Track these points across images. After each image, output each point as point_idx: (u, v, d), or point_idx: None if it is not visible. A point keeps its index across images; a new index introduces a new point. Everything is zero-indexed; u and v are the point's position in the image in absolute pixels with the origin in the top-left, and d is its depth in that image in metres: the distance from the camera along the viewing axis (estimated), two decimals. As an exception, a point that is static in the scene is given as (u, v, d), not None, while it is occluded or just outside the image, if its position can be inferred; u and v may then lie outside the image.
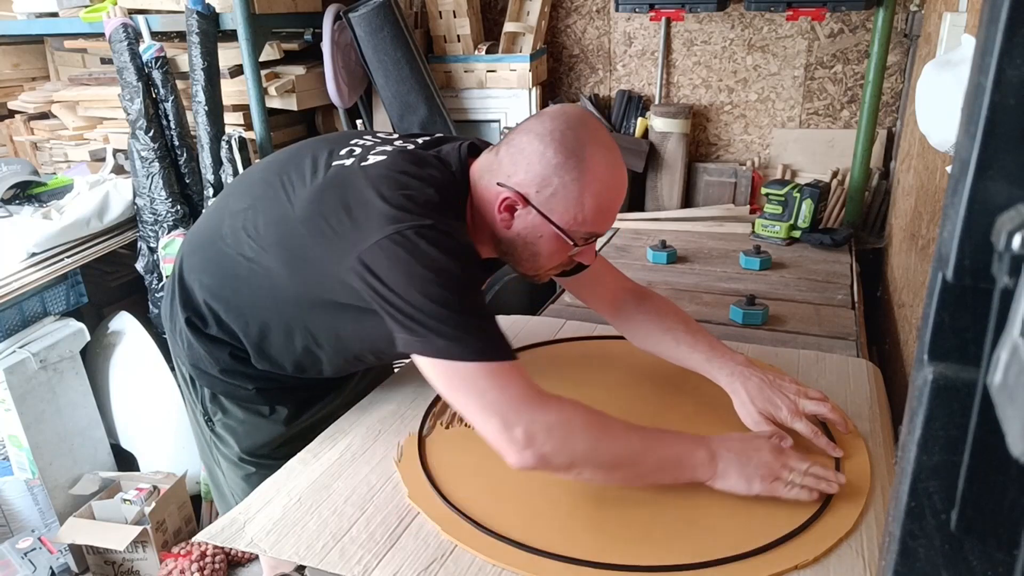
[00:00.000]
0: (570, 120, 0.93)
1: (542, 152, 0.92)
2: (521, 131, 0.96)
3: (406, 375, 1.29)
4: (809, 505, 0.90)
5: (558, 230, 0.95)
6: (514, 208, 0.96)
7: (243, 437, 1.17)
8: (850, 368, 1.26)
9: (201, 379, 1.14)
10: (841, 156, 2.50)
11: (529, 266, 1.02)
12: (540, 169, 0.92)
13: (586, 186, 0.92)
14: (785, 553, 0.83)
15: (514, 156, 0.95)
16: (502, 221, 0.97)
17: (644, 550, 0.85)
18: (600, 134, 0.95)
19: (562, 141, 0.91)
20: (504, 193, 0.95)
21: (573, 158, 0.91)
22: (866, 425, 1.09)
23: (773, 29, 2.49)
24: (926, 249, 1.50)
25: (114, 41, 2.05)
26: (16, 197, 2.16)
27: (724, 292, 1.77)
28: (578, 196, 0.92)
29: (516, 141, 0.95)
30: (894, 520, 0.35)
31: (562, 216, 0.94)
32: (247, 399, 1.15)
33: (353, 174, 0.96)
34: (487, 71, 2.51)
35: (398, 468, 1.01)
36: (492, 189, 0.97)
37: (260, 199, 1.02)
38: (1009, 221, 0.27)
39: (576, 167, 0.91)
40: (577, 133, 0.92)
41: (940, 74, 1.05)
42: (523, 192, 0.94)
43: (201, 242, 1.09)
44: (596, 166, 0.92)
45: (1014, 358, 0.24)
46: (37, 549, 1.94)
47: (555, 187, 0.92)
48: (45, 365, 1.95)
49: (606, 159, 0.94)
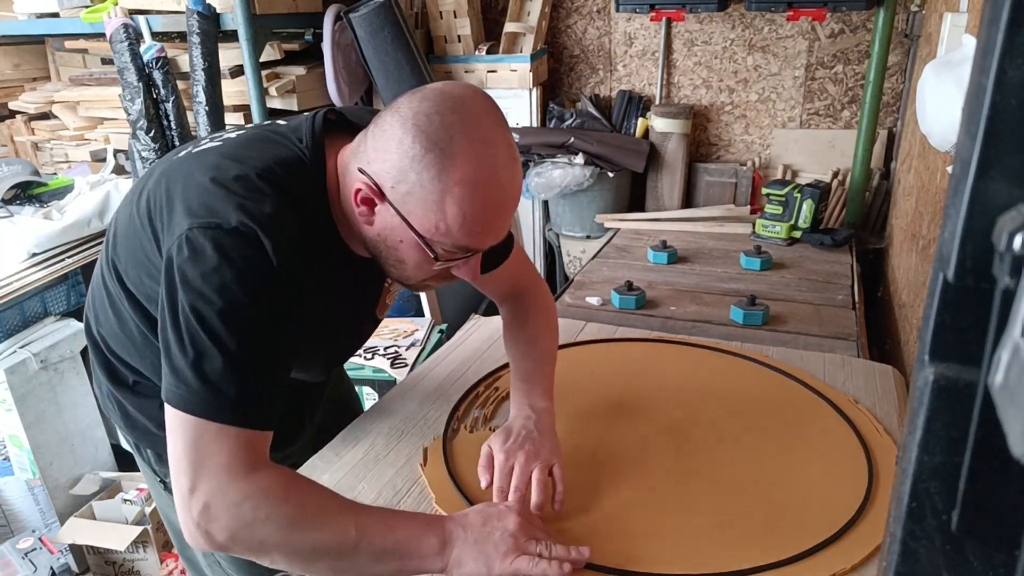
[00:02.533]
0: (446, 102, 0.73)
1: (400, 139, 0.73)
2: (391, 108, 0.77)
3: (426, 374, 1.29)
4: (845, 511, 0.88)
5: (418, 237, 0.76)
6: (372, 202, 0.78)
7: None
8: (876, 373, 1.25)
9: (143, 441, 1.03)
10: (842, 156, 2.50)
11: (397, 274, 0.85)
12: (397, 159, 0.73)
13: (448, 189, 0.72)
14: (822, 561, 0.82)
15: (377, 138, 0.76)
16: (361, 216, 0.79)
17: (676, 558, 0.83)
18: (482, 125, 0.74)
19: (425, 129, 0.72)
20: (360, 181, 0.77)
21: (435, 151, 0.72)
22: (897, 432, 1.08)
23: (774, 29, 2.49)
24: (927, 249, 1.50)
25: (115, 41, 2.05)
26: (17, 197, 2.16)
27: (725, 292, 1.77)
28: (438, 200, 0.73)
29: (382, 120, 0.77)
30: (895, 520, 0.35)
31: (421, 221, 0.75)
32: None
33: (185, 160, 0.82)
34: (488, 71, 2.51)
35: (423, 472, 1.00)
36: (353, 176, 0.79)
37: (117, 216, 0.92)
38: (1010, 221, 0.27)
39: (437, 163, 0.72)
40: (446, 120, 0.72)
41: (941, 74, 1.05)
42: (379, 184, 0.76)
43: (92, 289, 1.00)
44: (464, 164, 0.72)
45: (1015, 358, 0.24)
46: (38, 549, 1.94)
47: (411, 184, 0.73)
48: (46, 365, 1.95)
49: (480, 157, 0.73)
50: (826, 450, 1.01)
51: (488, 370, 1.27)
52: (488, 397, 1.19)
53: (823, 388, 1.18)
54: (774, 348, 1.35)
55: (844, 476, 0.96)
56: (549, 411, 0.97)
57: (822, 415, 1.11)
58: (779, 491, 0.94)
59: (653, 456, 1.02)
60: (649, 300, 1.71)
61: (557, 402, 1.04)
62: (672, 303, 1.71)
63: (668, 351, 1.33)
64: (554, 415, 0.98)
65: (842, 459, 0.99)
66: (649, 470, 0.99)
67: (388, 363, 2.06)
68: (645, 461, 1.01)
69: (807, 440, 1.05)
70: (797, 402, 1.15)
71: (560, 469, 0.90)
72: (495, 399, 1.18)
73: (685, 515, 0.91)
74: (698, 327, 1.55)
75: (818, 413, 1.12)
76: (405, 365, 2.06)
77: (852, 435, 1.05)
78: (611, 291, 1.71)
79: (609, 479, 0.97)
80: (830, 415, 1.11)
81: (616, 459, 1.02)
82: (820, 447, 1.03)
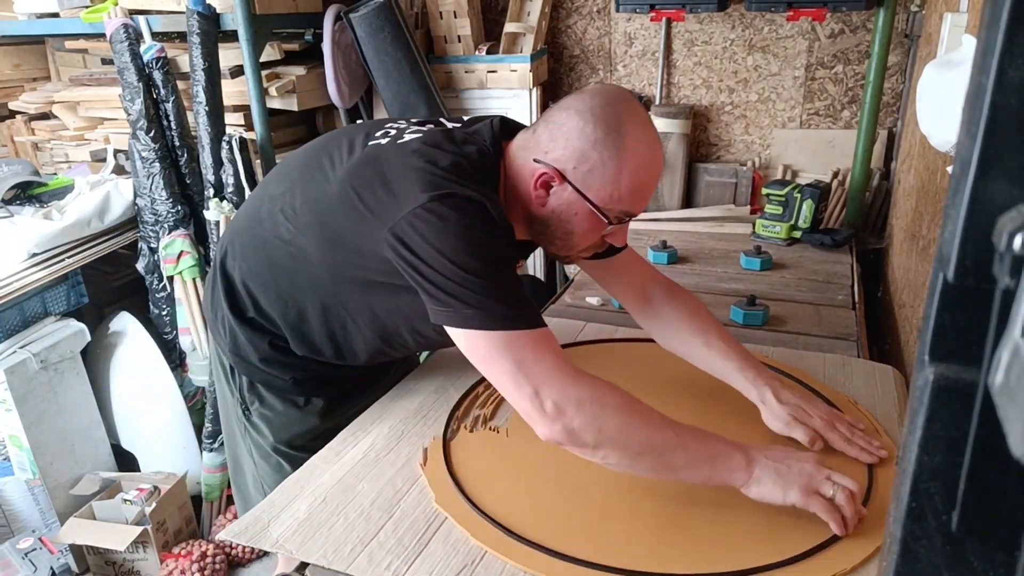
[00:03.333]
0: (610, 97, 0.94)
1: (581, 128, 0.92)
2: (560, 108, 0.96)
3: (427, 372, 1.29)
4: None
5: (593, 207, 0.95)
6: (550, 184, 0.96)
7: (278, 427, 1.18)
8: (876, 374, 1.25)
9: (240, 367, 1.16)
10: (842, 156, 2.50)
11: (562, 245, 1.02)
12: (579, 144, 0.93)
13: (624, 163, 0.92)
14: (822, 561, 0.82)
15: (552, 132, 0.95)
16: (537, 198, 0.97)
17: (677, 558, 0.84)
18: (640, 112, 0.95)
19: (602, 117, 0.92)
20: (541, 169, 0.95)
21: (612, 134, 0.91)
22: (897, 432, 1.08)
23: (774, 29, 2.49)
24: (927, 249, 1.49)
25: (115, 41, 2.05)
26: (17, 197, 2.16)
27: (725, 292, 1.77)
28: (616, 173, 0.92)
29: (555, 118, 0.96)
30: (895, 521, 0.35)
31: (598, 193, 0.94)
32: (284, 389, 1.16)
33: (388, 150, 0.97)
34: (488, 71, 2.51)
35: (423, 472, 1.00)
36: (528, 166, 0.97)
37: (297, 181, 1.04)
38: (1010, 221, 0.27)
39: (615, 143, 0.91)
40: (617, 109, 0.92)
41: (941, 74, 1.05)
42: (560, 168, 0.94)
43: (240, 228, 1.11)
44: (635, 143, 0.92)
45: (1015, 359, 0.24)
46: (38, 549, 1.94)
47: (593, 163, 0.92)
48: (46, 365, 1.95)
49: (645, 137, 0.94)
50: (826, 450, 1.01)
51: (488, 370, 1.27)
52: (488, 397, 1.19)
53: (823, 388, 1.18)
54: (774, 348, 1.35)
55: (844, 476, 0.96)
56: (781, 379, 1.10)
57: (822, 415, 1.11)
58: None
59: (653, 456, 1.02)
60: (649, 300, 1.71)
61: None
62: (672, 303, 1.70)
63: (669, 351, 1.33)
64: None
65: (842, 459, 0.99)
66: (649, 470, 0.99)
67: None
68: (645, 461, 1.01)
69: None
70: (797, 402, 1.15)
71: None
72: (495, 399, 1.18)
73: (684, 515, 0.91)
74: (698, 327, 1.55)
75: (818, 413, 1.11)
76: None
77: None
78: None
79: (609, 479, 0.97)
80: (830, 415, 1.10)
81: (616, 459, 1.02)
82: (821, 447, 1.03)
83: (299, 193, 1.02)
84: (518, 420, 1.12)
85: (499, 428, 1.11)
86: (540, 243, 1.05)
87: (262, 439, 1.20)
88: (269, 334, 1.11)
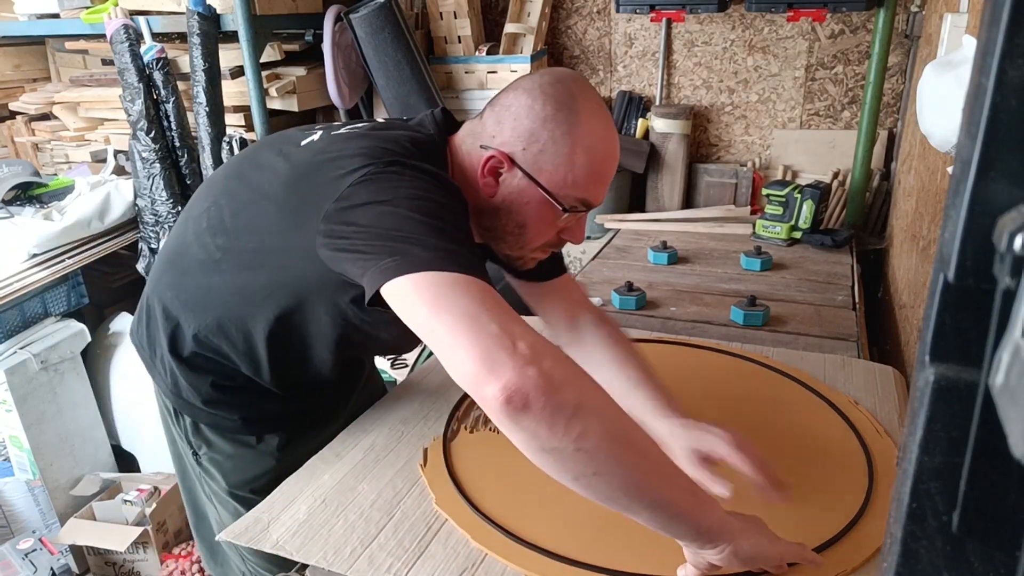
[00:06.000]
0: (560, 75, 0.88)
1: (530, 106, 0.85)
2: (507, 90, 0.90)
3: (426, 373, 1.29)
4: (845, 512, 0.88)
5: (546, 193, 0.86)
6: (498, 171, 0.88)
7: (229, 471, 1.09)
8: (877, 374, 1.25)
9: (184, 409, 1.06)
10: (842, 157, 2.50)
11: (513, 242, 0.93)
12: (528, 124, 0.85)
13: (578, 140, 0.84)
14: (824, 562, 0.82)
15: (499, 115, 0.88)
16: (485, 187, 0.89)
17: (677, 561, 0.82)
18: (592, 92, 0.88)
19: (552, 93, 0.85)
20: (488, 153, 0.87)
21: (564, 111, 0.84)
22: (897, 433, 1.08)
23: (774, 30, 2.49)
24: (927, 250, 1.49)
25: (115, 42, 2.06)
26: (17, 198, 2.16)
27: (725, 293, 1.77)
28: (569, 152, 0.85)
29: (501, 100, 0.89)
30: (895, 521, 0.35)
31: (551, 176, 0.86)
32: (232, 429, 1.07)
33: (324, 143, 0.89)
34: (488, 72, 2.51)
35: (424, 473, 1.00)
36: (475, 153, 0.89)
37: (222, 195, 0.95)
38: (1011, 222, 0.27)
39: (567, 119, 0.84)
40: (567, 86, 0.86)
41: (941, 75, 1.05)
42: (508, 151, 0.86)
43: (170, 258, 1.02)
44: (588, 120, 0.85)
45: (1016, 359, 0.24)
46: (38, 550, 1.94)
47: (544, 142, 0.85)
48: (46, 366, 1.95)
49: (599, 115, 0.87)
50: (826, 451, 1.01)
51: (488, 371, 1.27)
52: (488, 398, 1.19)
53: (823, 389, 1.18)
54: (774, 349, 1.35)
55: (844, 477, 0.96)
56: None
57: (822, 416, 1.11)
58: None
59: (653, 457, 1.02)
60: (649, 301, 1.71)
61: None
62: (672, 304, 1.71)
63: (668, 352, 1.33)
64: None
65: (842, 460, 0.99)
66: (649, 471, 0.99)
67: (388, 364, 2.06)
68: (645, 462, 1.01)
69: (807, 441, 1.05)
70: (797, 403, 1.15)
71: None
72: (495, 400, 1.18)
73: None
74: (698, 328, 1.55)
75: (818, 414, 1.11)
76: (405, 366, 2.06)
77: (852, 436, 1.05)
78: (611, 292, 1.71)
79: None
80: (830, 416, 1.10)
81: (616, 460, 1.01)
82: (820, 448, 1.03)
83: (225, 205, 0.93)
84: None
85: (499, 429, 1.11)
86: (491, 243, 0.95)
87: (216, 485, 1.10)
88: (211, 372, 1.00)
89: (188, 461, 1.13)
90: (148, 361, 1.07)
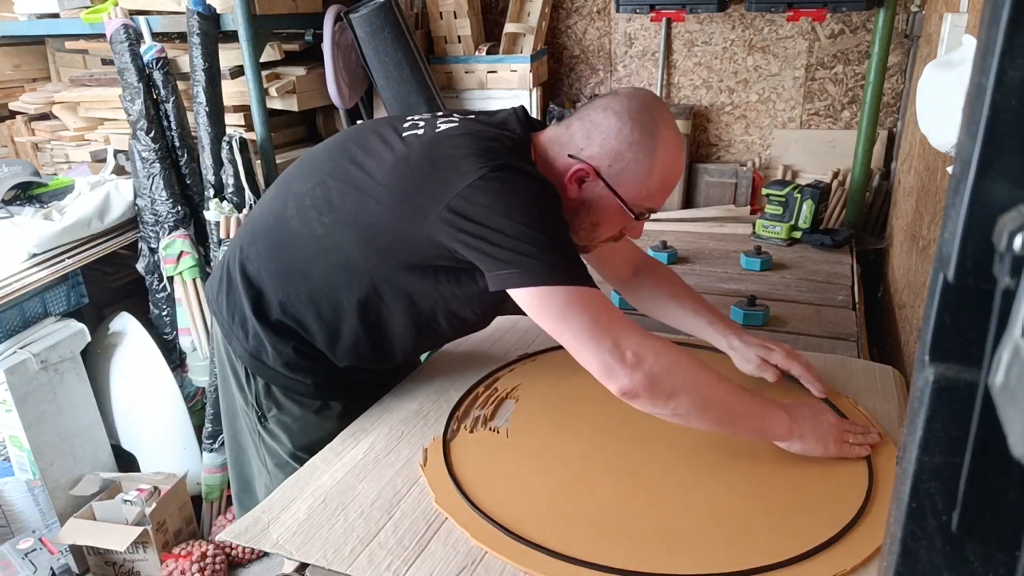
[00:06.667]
0: (645, 101, 1.01)
1: (619, 128, 1.00)
2: (597, 107, 1.03)
3: (426, 373, 1.29)
4: (845, 512, 0.89)
5: (622, 203, 1.02)
6: (583, 179, 1.02)
7: (297, 434, 1.17)
8: (877, 374, 1.25)
9: (261, 372, 1.14)
10: (842, 157, 2.50)
11: (585, 235, 1.08)
12: (615, 144, 1.00)
13: (656, 163, 1.00)
14: (822, 562, 0.82)
15: (588, 130, 1.02)
16: (570, 190, 1.03)
17: (679, 558, 0.83)
18: (670, 117, 1.03)
19: (640, 121, 0.99)
20: (577, 164, 1.02)
21: (647, 136, 0.99)
22: (898, 433, 1.08)
23: (774, 30, 2.49)
24: (927, 250, 1.49)
25: (115, 42, 2.05)
26: (17, 198, 2.16)
27: (725, 293, 1.77)
28: (647, 173, 1.00)
29: (592, 117, 1.03)
30: (895, 521, 0.35)
31: (628, 190, 1.02)
32: (304, 393, 1.16)
33: (431, 139, 1.01)
34: (488, 72, 2.51)
35: (423, 472, 1.00)
36: (561, 159, 1.03)
37: (329, 175, 1.05)
38: (1011, 221, 0.27)
39: (649, 144, 0.99)
40: (653, 114, 1.00)
41: (941, 75, 1.05)
42: (595, 165, 1.01)
43: (264, 229, 1.10)
44: (667, 145, 1.00)
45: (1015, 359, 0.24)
46: (38, 550, 1.94)
47: (627, 162, 1.00)
48: (46, 366, 1.95)
49: (675, 140, 1.03)
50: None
51: (488, 370, 1.27)
52: (488, 397, 1.19)
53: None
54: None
55: (844, 477, 0.96)
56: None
57: (822, 415, 1.11)
58: (779, 492, 0.94)
59: (653, 457, 1.02)
60: (649, 300, 1.71)
61: (558, 403, 1.07)
62: (672, 303, 1.70)
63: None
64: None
65: (842, 460, 0.99)
66: (649, 470, 0.99)
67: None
68: (645, 461, 1.01)
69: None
70: (797, 403, 1.15)
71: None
72: (495, 399, 1.18)
73: (685, 515, 0.91)
74: (698, 327, 1.55)
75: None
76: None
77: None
78: (612, 291, 1.71)
79: (609, 480, 0.97)
80: (830, 415, 1.10)
81: (616, 460, 1.02)
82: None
83: (333, 187, 1.03)
84: (518, 420, 1.12)
85: (499, 428, 1.11)
86: None
87: (279, 447, 1.18)
88: (295, 338, 1.10)
89: (250, 425, 1.20)
90: (226, 326, 1.15)
